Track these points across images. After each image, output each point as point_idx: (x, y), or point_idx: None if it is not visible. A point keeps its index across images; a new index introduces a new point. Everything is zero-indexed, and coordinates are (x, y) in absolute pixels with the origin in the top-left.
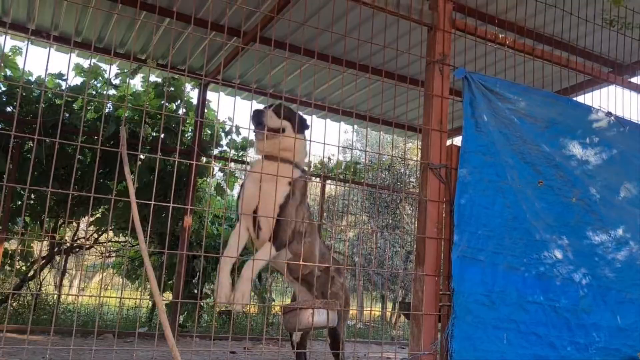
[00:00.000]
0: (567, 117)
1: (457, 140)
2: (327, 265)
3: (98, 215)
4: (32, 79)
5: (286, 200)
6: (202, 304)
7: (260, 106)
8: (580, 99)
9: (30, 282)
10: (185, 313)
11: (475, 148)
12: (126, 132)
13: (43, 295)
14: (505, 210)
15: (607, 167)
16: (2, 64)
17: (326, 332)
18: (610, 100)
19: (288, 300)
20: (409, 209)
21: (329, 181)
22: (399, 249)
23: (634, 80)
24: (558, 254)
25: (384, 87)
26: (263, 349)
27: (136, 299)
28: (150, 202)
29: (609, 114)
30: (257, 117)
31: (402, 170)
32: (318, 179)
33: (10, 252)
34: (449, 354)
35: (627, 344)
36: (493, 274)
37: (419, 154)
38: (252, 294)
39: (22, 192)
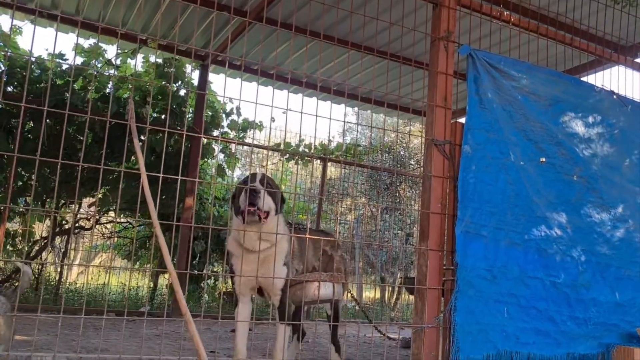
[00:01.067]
0: (571, 95)
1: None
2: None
3: (100, 196)
4: (33, 59)
5: (286, 281)
6: (202, 285)
7: (262, 89)
8: (584, 80)
9: (32, 262)
10: (187, 294)
11: (479, 125)
12: (134, 105)
13: (46, 275)
14: (507, 187)
15: (609, 146)
16: (3, 44)
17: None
18: (614, 80)
19: None
20: (409, 191)
21: (330, 163)
22: (399, 231)
23: (638, 60)
24: (558, 231)
25: (389, 68)
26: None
27: (145, 269)
28: (159, 175)
29: (611, 92)
30: (253, 198)
31: (403, 152)
32: (319, 161)
33: (12, 232)
34: (451, 327)
35: (624, 319)
36: (495, 249)
37: (424, 132)
38: None
39: (23, 173)
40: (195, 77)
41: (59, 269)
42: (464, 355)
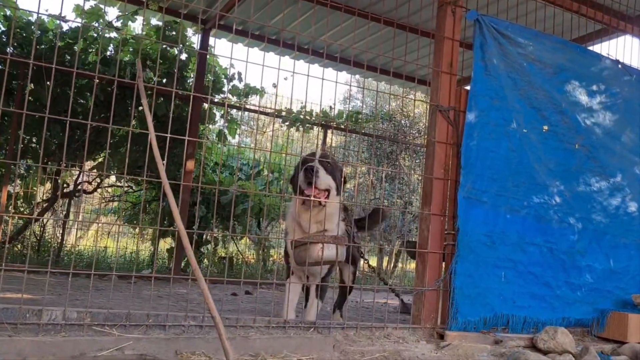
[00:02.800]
0: (576, 63)
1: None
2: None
3: (100, 159)
4: (32, 19)
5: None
6: (202, 250)
7: (265, 54)
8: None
9: (33, 224)
10: (186, 258)
11: (484, 92)
12: (139, 69)
13: (46, 237)
14: (509, 154)
15: (611, 115)
16: (2, 3)
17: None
18: (619, 50)
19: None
20: (408, 160)
21: (330, 131)
22: (397, 200)
23: None
24: (557, 198)
25: (393, 36)
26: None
27: (153, 228)
28: (166, 135)
29: (617, 62)
30: (308, 175)
31: (403, 121)
32: (320, 129)
33: (13, 194)
34: (451, 290)
35: (619, 286)
36: (495, 215)
37: (429, 98)
38: (250, 242)
39: (24, 135)
40: (195, 41)
41: (60, 232)
42: (462, 318)
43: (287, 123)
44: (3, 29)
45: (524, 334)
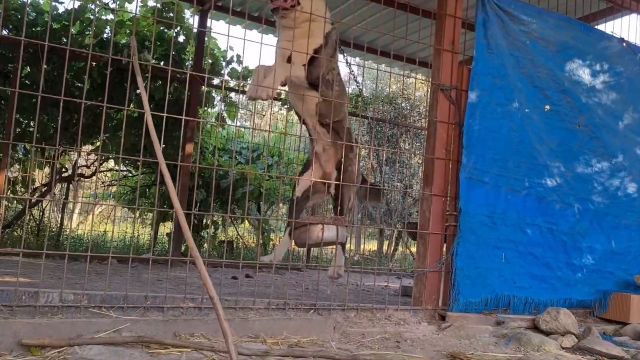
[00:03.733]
0: (580, 41)
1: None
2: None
3: (98, 143)
4: (27, 0)
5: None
6: (203, 234)
7: (264, 37)
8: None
9: (33, 208)
10: (186, 242)
11: (486, 70)
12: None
13: (46, 221)
14: (511, 134)
15: (615, 94)
16: None
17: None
18: (624, 29)
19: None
20: (409, 144)
21: None
22: (398, 184)
23: None
24: (558, 179)
25: (394, 17)
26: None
27: (166, 210)
28: (162, 115)
29: (621, 40)
30: None
31: (404, 104)
32: None
33: (12, 179)
34: (452, 272)
35: (620, 267)
36: (496, 196)
37: (431, 77)
38: (251, 226)
39: (21, 119)
40: (194, 23)
41: (60, 215)
42: (464, 299)
43: (286, 106)
44: None
45: (525, 315)
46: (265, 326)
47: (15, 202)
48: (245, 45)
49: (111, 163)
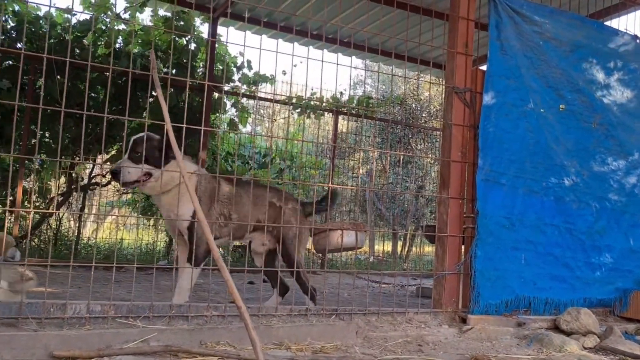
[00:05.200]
0: (593, 40)
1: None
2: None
3: (113, 152)
4: (41, 14)
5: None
6: None
7: (272, 42)
8: (608, 24)
9: (49, 218)
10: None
11: (500, 72)
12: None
13: (63, 230)
14: (527, 134)
15: (630, 92)
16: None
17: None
18: (637, 25)
19: None
20: (420, 144)
21: (341, 117)
22: (411, 185)
23: None
24: (575, 178)
25: (407, 18)
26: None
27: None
28: (181, 125)
29: (635, 37)
30: (115, 176)
31: (414, 105)
32: (331, 115)
33: (28, 189)
34: (471, 274)
35: (639, 265)
36: (513, 197)
37: (445, 80)
38: None
39: (36, 130)
40: (204, 30)
41: (76, 225)
42: (484, 301)
43: (298, 110)
44: (12, 24)
45: (545, 315)
46: (288, 332)
47: (32, 212)
48: (252, 51)
49: None
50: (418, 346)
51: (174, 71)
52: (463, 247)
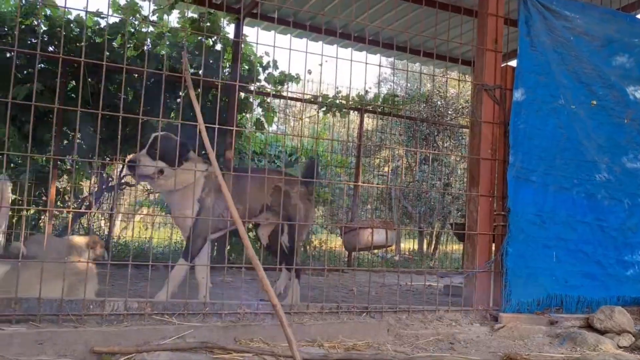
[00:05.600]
0: (625, 34)
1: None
2: None
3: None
4: (72, 17)
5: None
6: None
7: (298, 41)
8: None
9: (81, 218)
10: (229, 246)
11: (530, 68)
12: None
13: (95, 229)
14: (557, 131)
15: None
16: (42, 3)
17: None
18: None
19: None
20: (447, 141)
21: (367, 114)
22: (437, 182)
23: None
24: (607, 175)
25: (435, 15)
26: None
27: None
28: (214, 126)
29: None
30: (131, 168)
31: (440, 102)
32: (356, 113)
33: (61, 190)
34: (503, 272)
35: None
36: (544, 194)
37: (473, 77)
38: None
39: (68, 131)
40: (230, 31)
41: (108, 224)
42: (516, 299)
43: (323, 109)
44: (44, 28)
45: (578, 314)
46: (320, 330)
47: (64, 211)
48: (276, 50)
49: None
50: (450, 344)
51: (199, 72)
52: (493, 245)
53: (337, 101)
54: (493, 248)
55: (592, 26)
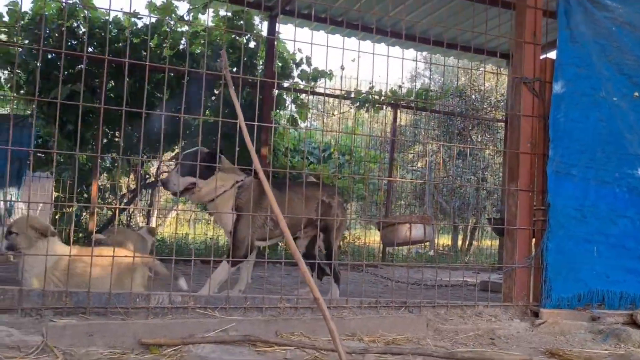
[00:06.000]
0: None
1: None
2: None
3: (177, 150)
4: (109, 18)
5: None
6: None
7: (330, 37)
8: None
9: (121, 214)
10: None
11: (570, 60)
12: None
13: (134, 225)
14: (598, 124)
15: None
16: (81, 5)
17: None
18: None
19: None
20: (481, 136)
21: (399, 110)
22: (471, 177)
23: None
24: None
25: (472, 7)
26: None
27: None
28: (253, 124)
29: None
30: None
31: (474, 96)
32: (390, 108)
33: (101, 187)
34: (543, 267)
35: None
36: (585, 189)
37: (512, 70)
38: None
39: (107, 130)
40: (264, 28)
41: (147, 218)
42: (556, 295)
43: (356, 104)
44: (83, 29)
45: (621, 310)
46: (360, 324)
47: (104, 208)
48: (308, 47)
49: None
50: (490, 339)
51: (234, 69)
52: (533, 240)
53: (371, 96)
54: (533, 243)
55: (635, 16)
